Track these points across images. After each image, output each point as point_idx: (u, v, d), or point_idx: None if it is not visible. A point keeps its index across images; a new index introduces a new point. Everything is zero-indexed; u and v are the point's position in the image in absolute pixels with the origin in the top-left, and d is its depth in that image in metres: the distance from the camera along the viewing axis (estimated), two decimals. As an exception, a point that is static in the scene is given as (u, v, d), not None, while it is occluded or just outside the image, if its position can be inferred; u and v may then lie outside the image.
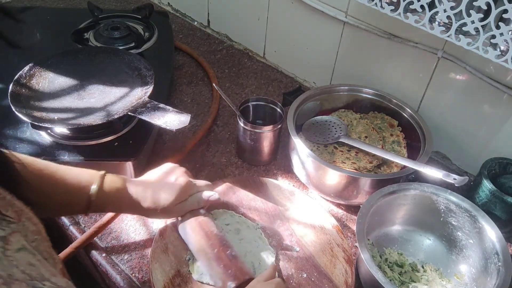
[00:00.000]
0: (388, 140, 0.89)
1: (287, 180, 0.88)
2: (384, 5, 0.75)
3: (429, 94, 0.90)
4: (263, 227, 0.75)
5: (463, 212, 0.71)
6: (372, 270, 0.61)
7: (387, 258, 0.73)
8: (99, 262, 0.72)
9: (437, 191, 0.73)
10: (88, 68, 0.90)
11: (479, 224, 0.69)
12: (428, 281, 0.70)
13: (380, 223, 0.76)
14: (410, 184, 0.74)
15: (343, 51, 1.01)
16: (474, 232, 0.70)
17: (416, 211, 0.76)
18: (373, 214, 0.71)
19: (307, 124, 0.91)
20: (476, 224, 0.70)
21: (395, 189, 0.73)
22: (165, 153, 0.90)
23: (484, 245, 0.68)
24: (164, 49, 1.09)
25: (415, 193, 0.74)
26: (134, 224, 0.77)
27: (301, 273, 0.69)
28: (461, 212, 0.72)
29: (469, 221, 0.71)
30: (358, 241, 0.65)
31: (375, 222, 0.74)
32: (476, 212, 0.70)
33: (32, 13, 1.19)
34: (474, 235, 0.71)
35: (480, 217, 0.69)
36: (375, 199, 0.71)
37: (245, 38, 1.24)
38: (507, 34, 0.62)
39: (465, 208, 0.71)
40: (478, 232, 0.70)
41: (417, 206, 0.76)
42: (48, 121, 0.76)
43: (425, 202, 0.74)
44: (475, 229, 0.70)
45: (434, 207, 0.74)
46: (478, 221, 0.69)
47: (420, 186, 0.74)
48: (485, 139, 0.85)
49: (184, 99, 1.06)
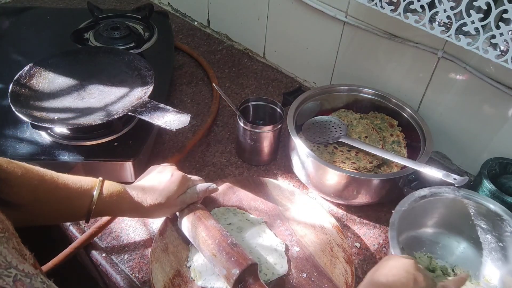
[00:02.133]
0: (388, 140, 0.89)
1: (287, 180, 0.88)
2: (384, 5, 0.74)
3: (429, 94, 0.90)
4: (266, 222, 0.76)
5: (494, 216, 0.70)
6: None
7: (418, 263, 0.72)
8: (99, 262, 0.72)
9: (469, 194, 0.72)
10: (88, 68, 0.90)
11: (510, 228, 0.69)
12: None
13: (409, 227, 0.76)
14: (441, 187, 0.73)
15: (343, 51, 1.01)
16: (505, 236, 0.70)
17: (445, 214, 0.76)
18: (402, 219, 0.70)
19: (307, 124, 0.91)
20: (507, 228, 0.69)
21: (425, 194, 0.72)
22: (165, 153, 0.90)
23: None
24: (164, 49, 1.09)
25: (445, 197, 0.73)
26: (134, 224, 0.77)
27: (301, 273, 0.69)
28: (492, 216, 0.71)
29: (500, 224, 0.70)
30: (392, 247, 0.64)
31: (404, 226, 0.73)
32: (508, 216, 0.69)
33: (32, 13, 1.19)
34: (504, 238, 0.70)
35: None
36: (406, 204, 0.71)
37: (245, 38, 1.24)
38: (507, 34, 0.62)
39: (495, 211, 0.70)
40: (509, 236, 0.69)
41: (447, 209, 0.75)
42: (48, 121, 0.76)
43: (455, 205, 0.74)
44: (506, 232, 0.69)
45: (464, 210, 0.73)
46: (510, 225, 0.69)
47: (451, 190, 0.73)
48: (485, 139, 0.85)
49: (184, 99, 1.06)
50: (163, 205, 0.67)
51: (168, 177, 0.69)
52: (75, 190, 0.62)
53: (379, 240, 0.79)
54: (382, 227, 0.81)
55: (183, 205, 0.70)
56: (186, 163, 0.89)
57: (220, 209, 0.77)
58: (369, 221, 0.82)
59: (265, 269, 0.68)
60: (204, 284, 0.66)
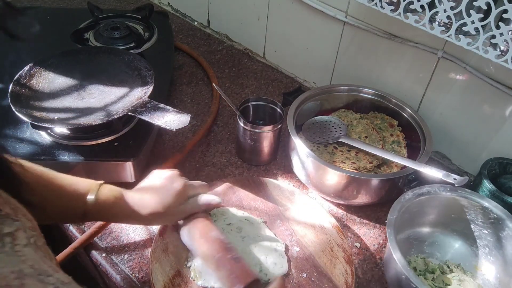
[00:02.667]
0: (388, 140, 0.89)
1: (287, 180, 0.88)
2: (384, 5, 0.75)
3: (429, 94, 0.90)
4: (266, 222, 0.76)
5: (489, 214, 0.71)
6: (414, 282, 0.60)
7: (415, 267, 0.72)
8: (99, 262, 0.72)
9: (465, 193, 0.72)
10: (88, 68, 0.90)
11: (506, 227, 0.69)
12: (461, 281, 0.70)
13: (407, 225, 0.76)
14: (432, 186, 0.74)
15: (343, 51, 1.01)
16: (501, 234, 0.70)
17: (442, 213, 0.76)
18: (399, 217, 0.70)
19: (307, 124, 0.91)
20: (503, 226, 0.69)
21: (422, 192, 0.73)
22: (165, 153, 0.90)
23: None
24: (164, 49, 1.09)
25: (441, 196, 0.73)
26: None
27: (301, 273, 0.69)
28: (487, 214, 0.71)
29: (497, 223, 0.70)
30: (392, 249, 0.64)
31: (402, 224, 0.73)
32: (504, 214, 0.69)
33: (32, 13, 1.19)
34: (500, 236, 0.70)
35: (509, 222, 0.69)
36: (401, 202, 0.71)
37: (245, 38, 1.24)
38: (507, 34, 0.62)
39: (492, 210, 0.70)
40: (505, 235, 0.69)
41: (443, 207, 0.75)
42: (48, 121, 0.76)
43: (451, 204, 0.74)
44: (502, 231, 0.70)
45: (460, 209, 0.73)
46: (506, 224, 0.69)
47: (447, 189, 0.73)
48: (485, 139, 0.85)
49: (184, 99, 1.06)
50: (161, 214, 0.65)
51: (169, 185, 0.66)
52: (70, 193, 0.61)
53: (379, 240, 0.79)
54: (382, 227, 0.81)
55: (183, 214, 0.68)
56: (186, 163, 0.89)
57: (219, 209, 0.77)
58: (369, 221, 0.82)
59: (265, 269, 0.68)
60: (204, 284, 0.66)
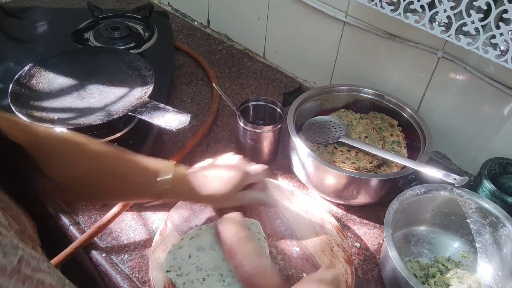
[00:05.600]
0: (388, 140, 0.89)
1: (287, 180, 0.88)
2: (384, 5, 0.75)
3: (429, 94, 0.90)
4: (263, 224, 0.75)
5: (487, 214, 0.71)
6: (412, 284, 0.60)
7: (415, 274, 0.72)
8: (99, 262, 0.72)
9: (464, 192, 0.73)
10: (88, 68, 0.90)
11: (504, 227, 0.69)
12: (459, 277, 0.71)
13: (405, 224, 0.76)
14: (430, 185, 0.74)
15: (343, 51, 1.01)
16: (498, 234, 0.70)
17: (440, 212, 0.76)
18: (397, 216, 0.70)
19: (307, 124, 0.91)
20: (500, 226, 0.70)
21: (419, 191, 0.73)
22: (165, 153, 0.90)
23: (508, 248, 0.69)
24: (164, 49, 1.09)
25: (439, 195, 0.74)
26: (134, 224, 0.77)
27: (301, 273, 0.69)
28: (485, 214, 0.71)
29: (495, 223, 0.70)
30: (389, 250, 0.64)
31: (399, 223, 0.73)
32: (501, 214, 0.69)
33: (32, 13, 1.19)
34: (498, 237, 0.70)
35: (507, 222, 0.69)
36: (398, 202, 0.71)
37: (245, 38, 1.24)
38: (507, 34, 0.62)
39: (489, 210, 0.70)
40: (502, 235, 0.70)
41: (441, 207, 0.75)
42: (48, 121, 0.76)
43: (449, 203, 0.74)
44: (499, 231, 0.70)
45: (458, 208, 0.74)
46: (504, 224, 0.69)
47: (445, 188, 0.73)
48: (485, 139, 0.85)
49: (184, 99, 1.06)
50: (218, 198, 0.68)
51: (231, 173, 0.69)
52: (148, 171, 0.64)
53: (379, 240, 0.79)
54: (382, 227, 0.81)
55: (240, 202, 0.71)
56: (186, 163, 0.89)
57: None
58: (369, 221, 0.82)
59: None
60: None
